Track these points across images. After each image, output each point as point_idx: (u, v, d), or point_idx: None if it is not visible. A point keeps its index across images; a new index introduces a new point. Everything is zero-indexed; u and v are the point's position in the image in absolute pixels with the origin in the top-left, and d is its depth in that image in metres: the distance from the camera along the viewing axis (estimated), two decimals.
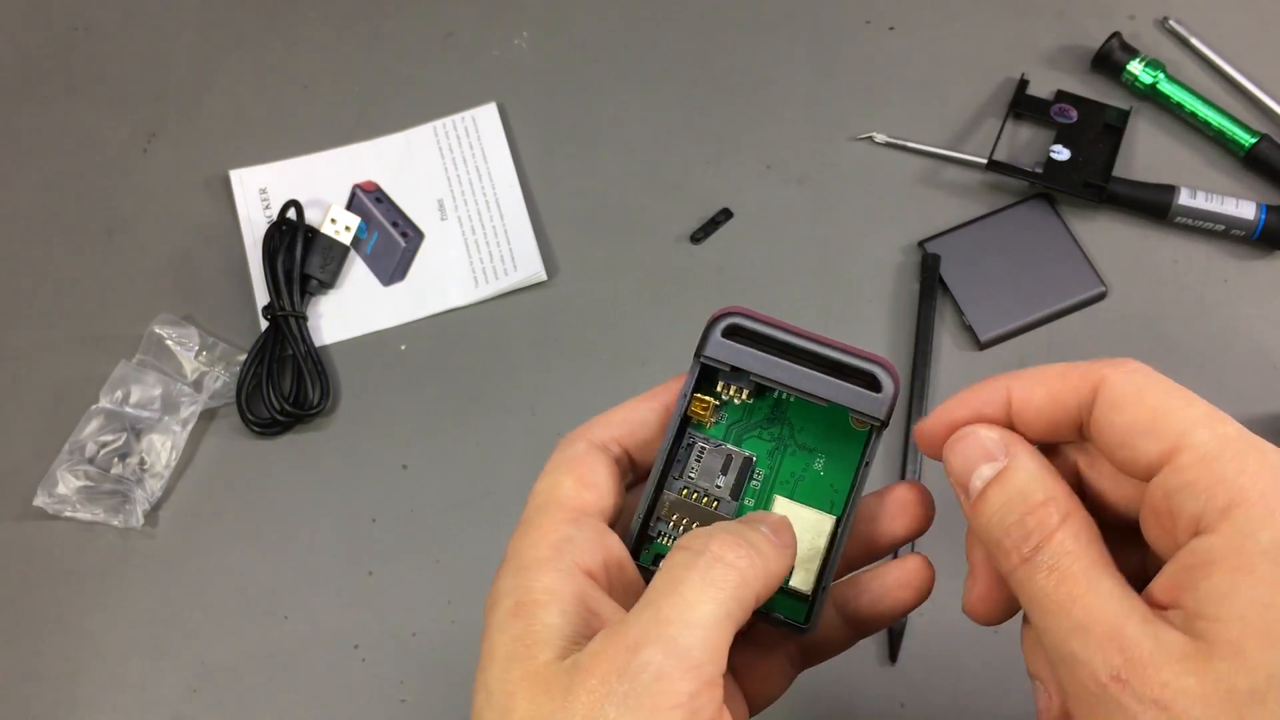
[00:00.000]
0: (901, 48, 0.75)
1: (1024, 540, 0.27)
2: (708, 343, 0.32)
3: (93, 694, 0.60)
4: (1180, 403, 0.26)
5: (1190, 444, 0.25)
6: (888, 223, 0.69)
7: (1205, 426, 0.26)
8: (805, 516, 0.32)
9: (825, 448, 0.33)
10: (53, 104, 0.76)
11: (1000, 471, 0.28)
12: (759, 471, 0.33)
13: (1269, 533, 0.23)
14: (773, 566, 0.29)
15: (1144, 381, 0.27)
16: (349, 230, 0.70)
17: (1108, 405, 0.27)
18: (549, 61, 0.76)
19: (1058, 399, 0.28)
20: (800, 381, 0.32)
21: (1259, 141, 0.69)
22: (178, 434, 0.65)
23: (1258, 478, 0.24)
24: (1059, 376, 0.28)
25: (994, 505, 0.28)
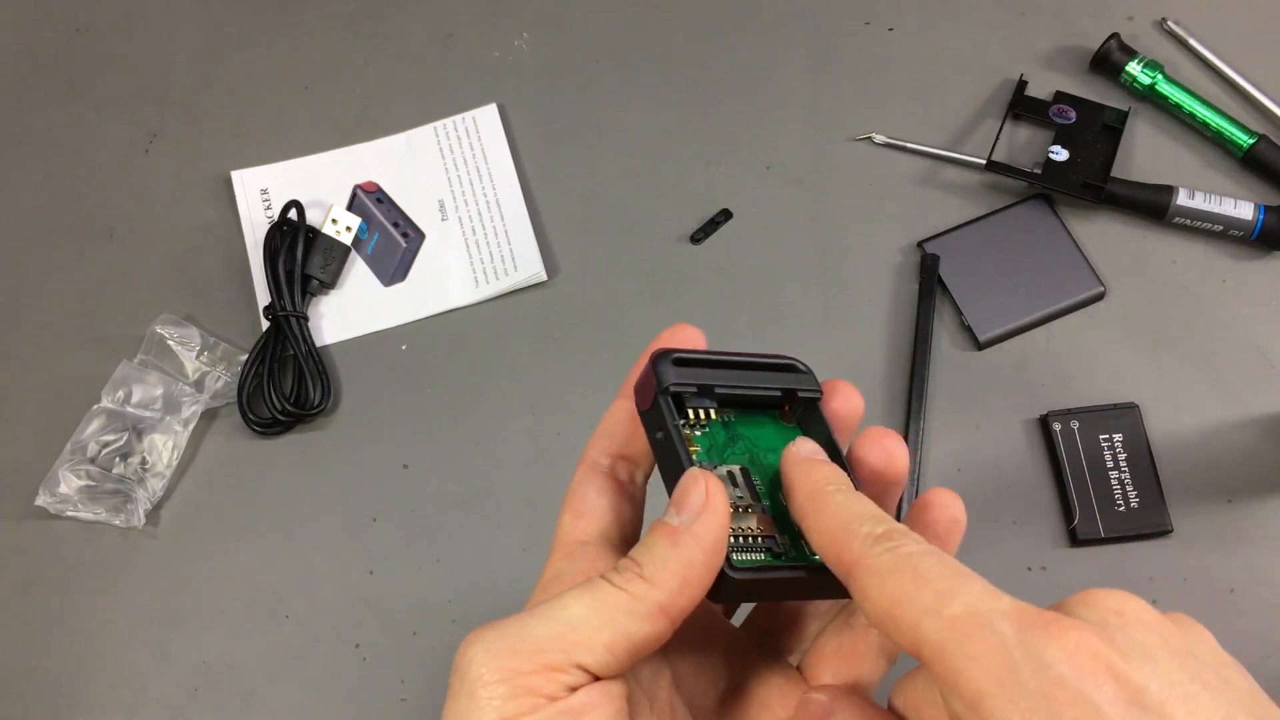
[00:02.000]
0: (901, 48, 0.75)
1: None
2: (666, 375, 0.33)
3: (94, 693, 0.61)
4: (912, 589, 0.25)
5: (924, 639, 0.25)
6: (887, 223, 0.70)
7: (932, 615, 0.25)
8: None
9: (779, 445, 0.35)
10: (54, 105, 0.76)
11: None
12: (755, 479, 0.34)
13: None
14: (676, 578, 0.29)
15: (885, 568, 0.26)
16: (350, 230, 0.70)
17: (859, 596, 0.27)
18: (549, 62, 0.76)
19: (830, 560, 0.28)
20: (752, 382, 0.35)
21: (1257, 142, 0.69)
22: (179, 434, 0.65)
23: (988, 662, 0.23)
24: (830, 540, 0.28)
25: None
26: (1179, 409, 0.64)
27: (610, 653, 0.28)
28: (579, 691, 0.28)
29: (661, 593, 0.28)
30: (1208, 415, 0.64)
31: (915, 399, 0.64)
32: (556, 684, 0.28)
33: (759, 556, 0.31)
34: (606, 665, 0.28)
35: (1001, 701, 0.23)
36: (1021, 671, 0.23)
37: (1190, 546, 0.61)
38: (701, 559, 0.29)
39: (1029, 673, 0.23)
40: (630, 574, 0.29)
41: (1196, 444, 0.63)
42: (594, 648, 0.28)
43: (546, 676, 0.27)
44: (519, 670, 0.27)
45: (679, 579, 0.29)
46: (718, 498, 0.30)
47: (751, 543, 0.32)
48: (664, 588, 0.29)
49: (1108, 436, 0.63)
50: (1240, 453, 0.63)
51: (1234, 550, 0.61)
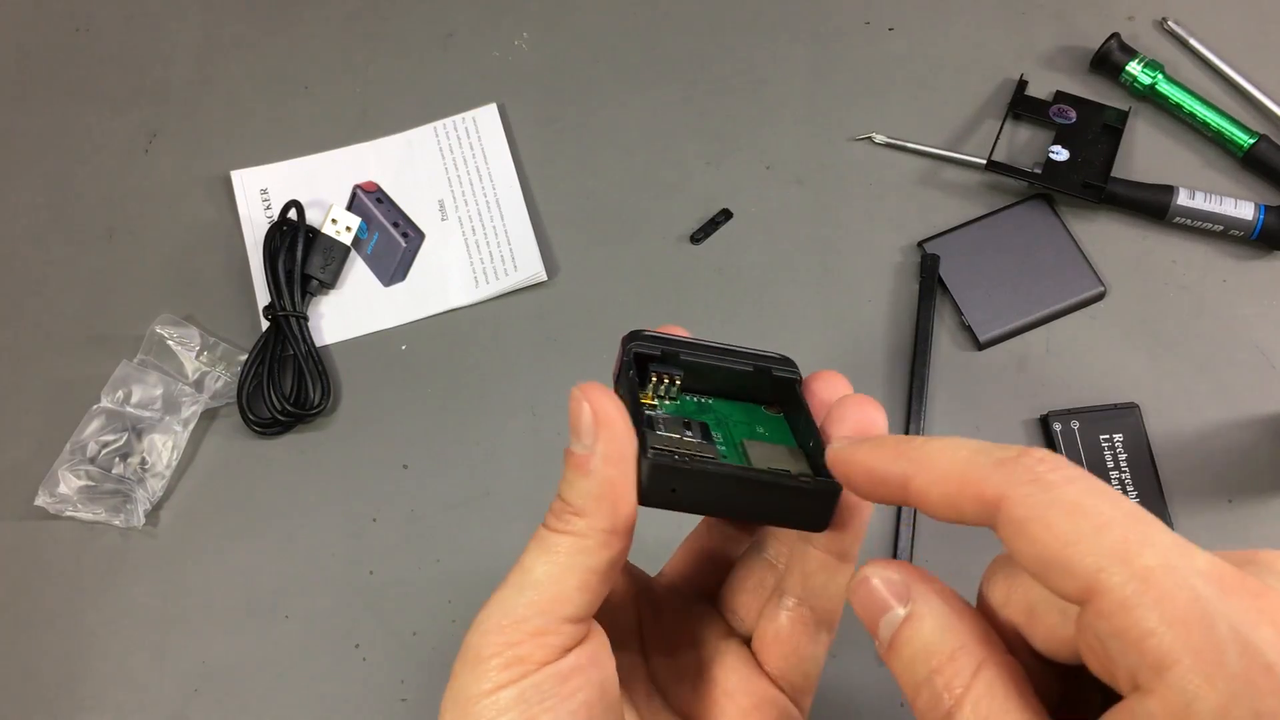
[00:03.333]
0: (901, 48, 0.75)
1: (936, 703, 0.25)
2: (635, 342, 0.34)
3: (94, 693, 0.61)
4: (1090, 528, 0.23)
5: (1108, 587, 0.22)
6: (887, 223, 0.70)
7: (1120, 562, 0.22)
8: (776, 448, 0.33)
9: (758, 423, 0.34)
10: (54, 104, 0.76)
11: (905, 619, 0.26)
12: (716, 434, 0.34)
13: (1208, 701, 0.21)
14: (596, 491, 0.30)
15: (1048, 500, 0.23)
16: (350, 230, 0.70)
17: (1012, 531, 0.24)
18: (549, 62, 0.76)
19: (954, 504, 0.25)
20: (725, 359, 0.34)
21: (1257, 142, 0.69)
22: (179, 434, 0.65)
23: (1188, 630, 0.21)
24: (957, 479, 0.25)
25: (902, 663, 0.26)
26: (1179, 409, 0.64)
27: (586, 591, 0.29)
28: (568, 655, 0.29)
29: (600, 519, 0.29)
30: (1208, 415, 0.64)
31: (915, 399, 0.64)
32: (548, 648, 0.29)
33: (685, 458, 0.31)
34: (588, 605, 0.29)
35: (1196, 676, 0.21)
36: (1226, 649, 0.21)
37: None
38: (618, 473, 0.30)
39: (1234, 653, 0.21)
40: (565, 514, 0.30)
41: (1196, 444, 0.63)
42: (569, 597, 0.29)
43: (537, 642, 0.29)
44: (510, 642, 0.29)
45: (608, 501, 0.29)
46: (606, 407, 0.30)
47: (683, 452, 0.31)
48: (599, 514, 0.29)
49: (1108, 436, 0.63)
50: (1240, 453, 0.63)
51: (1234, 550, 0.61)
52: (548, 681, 0.28)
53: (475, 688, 0.28)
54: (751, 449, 0.33)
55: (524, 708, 0.28)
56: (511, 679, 0.28)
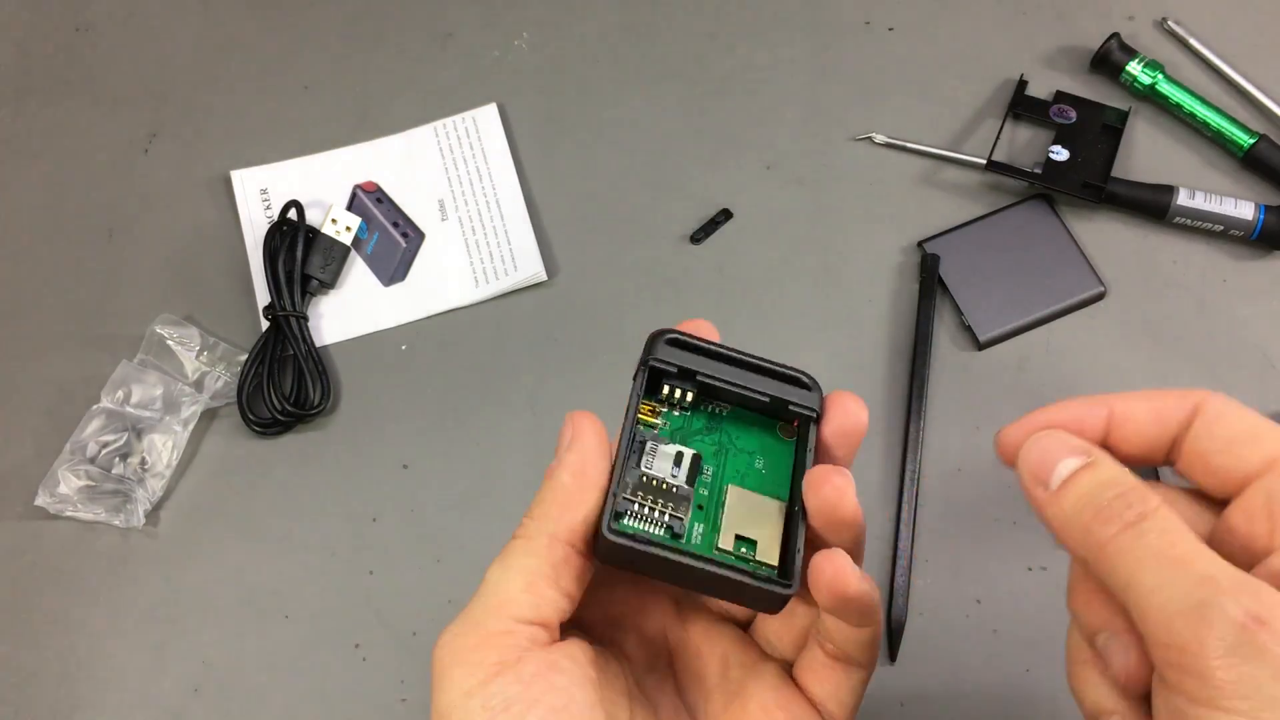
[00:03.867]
0: (901, 48, 0.75)
1: (1126, 509, 0.28)
2: (653, 350, 0.34)
3: (94, 693, 0.61)
4: (1270, 428, 0.29)
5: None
6: (887, 223, 0.70)
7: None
8: (758, 501, 0.34)
9: (762, 452, 0.35)
10: (54, 104, 0.76)
11: (1088, 463, 0.29)
12: (707, 468, 0.34)
13: None
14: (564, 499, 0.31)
15: (1239, 405, 0.30)
16: (350, 230, 0.70)
17: (1212, 418, 0.30)
18: (549, 62, 0.76)
19: (1160, 415, 0.31)
20: (742, 380, 0.34)
21: (1257, 142, 0.69)
22: (179, 434, 0.65)
23: (1238, 679, 0.24)
24: (1159, 395, 0.31)
25: (1084, 487, 0.29)
26: None
27: (531, 592, 0.30)
28: (528, 660, 0.29)
29: (547, 522, 0.31)
30: None
31: (915, 399, 0.64)
32: (504, 649, 0.29)
33: (652, 530, 0.32)
34: (535, 606, 0.30)
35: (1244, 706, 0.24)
36: (1267, 689, 0.24)
37: None
38: (572, 481, 0.31)
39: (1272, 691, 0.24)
40: (524, 521, 0.32)
41: None
42: (514, 597, 0.30)
43: (493, 645, 0.29)
44: (468, 646, 0.29)
45: (557, 505, 0.31)
46: (584, 426, 0.32)
47: (651, 515, 0.32)
48: (546, 517, 0.31)
49: None
50: None
51: None
52: (511, 687, 0.29)
53: (448, 697, 0.29)
54: (732, 501, 0.33)
55: (490, 716, 0.28)
56: (476, 685, 0.29)
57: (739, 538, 0.33)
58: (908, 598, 0.58)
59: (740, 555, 0.32)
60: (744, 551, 0.32)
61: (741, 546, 0.32)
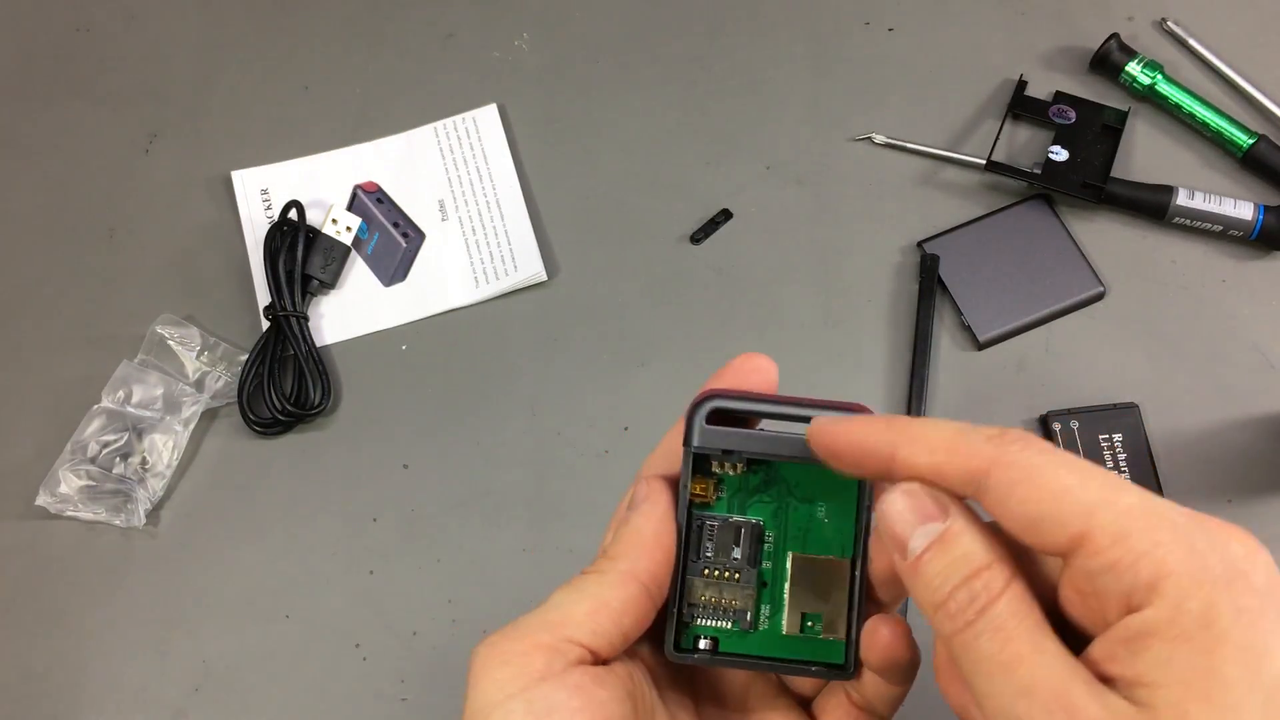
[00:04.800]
0: (901, 48, 0.75)
1: (969, 604, 0.27)
2: (694, 432, 0.33)
3: (94, 693, 0.61)
4: (1075, 481, 0.26)
5: (1099, 527, 0.25)
6: (887, 223, 0.70)
7: (1106, 505, 0.25)
8: (822, 566, 0.34)
9: (824, 497, 0.34)
10: (55, 105, 0.76)
11: (942, 534, 0.28)
12: (769, 535, 0.34)
13: (1197, 601, 0.24)
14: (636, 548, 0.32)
15: (1034, 464, 0.26)
16: (350, 230, 0.70)
17: (1003, 493, 0.26)
18: (549, 62, 0.76)
19: (941, 473, 0.28)
20: (790, 449, 0.33)
21: (1257, 142, 0.69)
22: (179, 434, 0.65)
23: (1173, 547, 0.24)
24: (947, 449, 0.28)
25: (936, 568, 0.27)
26: (1179, 409, 0.64)
27: (593, 620, 0.31)
28: (574, 671, 0.30)
29: (624, 561, 0.32)
30: (1208, 415, 0.64)
31: (915, 399, 0.64)
32: (550, 660, 0.30)
33: (720, 625, 0.33)
34: (593, 634, 0.31)
35: (1187, 581, 0.24)
36: (1208, 559, 0.24)
37: None
38: (648, 527, 0.32)
39: (1215, 561, 0.24)
40: (599, 559, 0.32)
41: (1196, 444, 0.63)
42: (576, 619, 0.30)
43: (539, 654, 0.30)
44: (515, 651, 0.30)
45: (633, 546, 0.32)
46: (656, 489, 0.33)
47: (717, 609, 0.33)
48: (624, 557, 0.32)
49: (1108, 436, 0.63)
50: (1240, 453, 0.63)
51: None
52: (556, 694, 0.29)
53: (488, 697, 0.29)
54: (795, 573, 0.34)
55: (532, 717, 0.29)
56: (519, 689, 0.29)
57: (804, 615, 0.33)
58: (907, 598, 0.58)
59: (806, 637, 0.33)
60: (810, 627, 0.33)
61: (808, 621, 0.33)
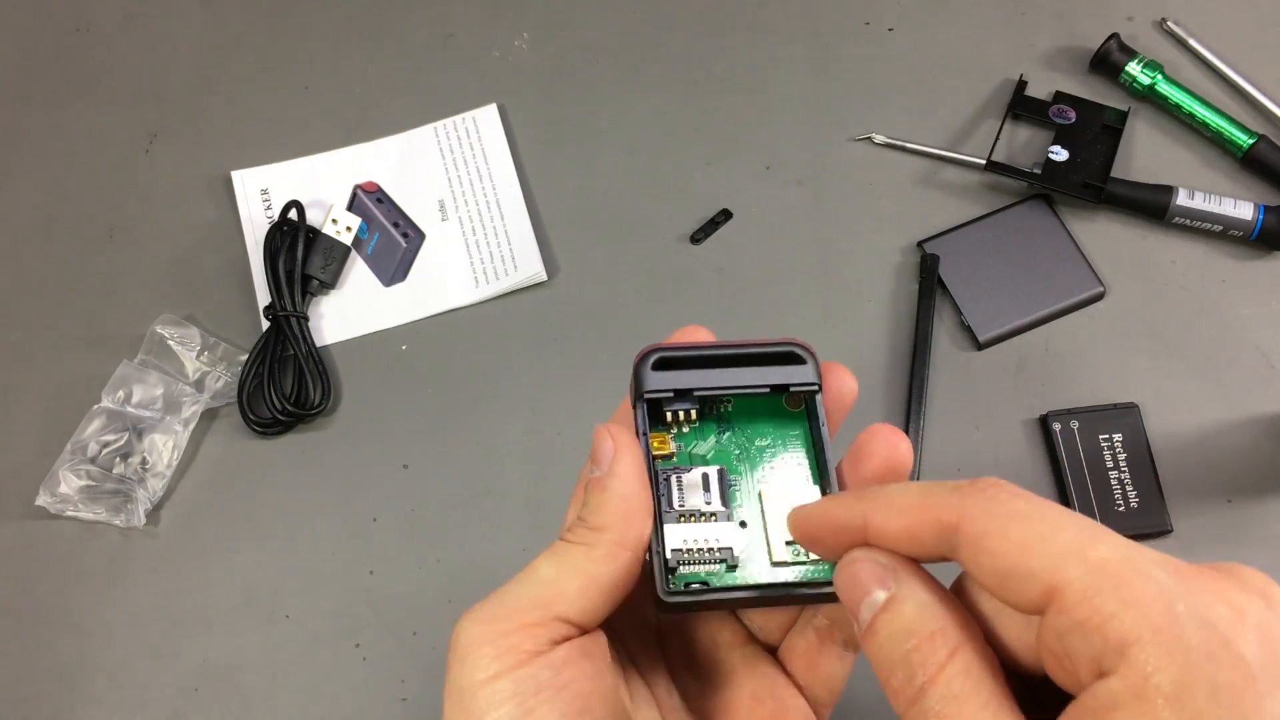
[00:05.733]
0: (901, 48, 0.75)
1: (909, 680, 0.25)
2: (644, 380, 0.34)
3: (94, 692, 0.61)
4: (1046, 531, 0.24)
5: (1067, 581, 0.23)
6: (887, 223, 0.70)
7: (1076, 558, 0.23)
8: (793, 493, 0.34)
9: (779, 435, 0.35)
10: (55, 105, 0.76)
11: (886, 601, 0.27)
12: (734, 478, 0.34)
13: (1168, 673, 0.21)
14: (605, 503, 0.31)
15: (1004, 513, 0.25)
16: (350, 231, 0.70)
17: (972, 548, 0.25)
18: (549, 62, 0.76)
19: (914, 534, 0.27)
20: (737, 380, 0.34)
21: (1257, 142, 0.69)
22: (179, 434, 0.65)
23: (1146, 610, 0.22)
24: (916, 509, 0.27)
25: (881, 637, 0.26)
26: (1179, 409, 0.64)
27: (584, 597, 0.30)
28: (560, 647, 0.29)
29: (610, 532, 0.31)
30: (1208, 415, 0.64)
31: (915, 399, 0.64)
32: (539, 639, 0.29)
33: (708, 571, 0.33)
34: (584, 610, 0.30)
35: (1157, 651, 0.22)
36: (1185, 626, 0.22)
37: (1190, 547, 0.61)
38: (631, 490, 0.31)
39: (1193, 629, 0.22)
40: (580, 528, 0.31)
41: (1196, 444, 0.63)
42: (568, 596, 0.30)
43: (528, 634, 0.29)
44: (502, 631, 0.29)
45: (619, 515, 0.31)
46: (625, 439, 0.32)
47: (701, 555, 0.33)
48: (610, 528, 0.31)
49: (1107, 436, 0.63)
50: (1240, 453, 0.63)
51: (1234, 550, 0.61)
52: (542, 672, 0.29)
53: (472, 676, 0.29)
54: (770, 506, 0.34)
55: (520, 699, 0.28)
56: (506, 668, 0.29)
57: (788, 542, 0.33)
58: None
59: (795, 560, 0.33)
60: (797, 551, 0.33)
61: (792, 549, 0.33)
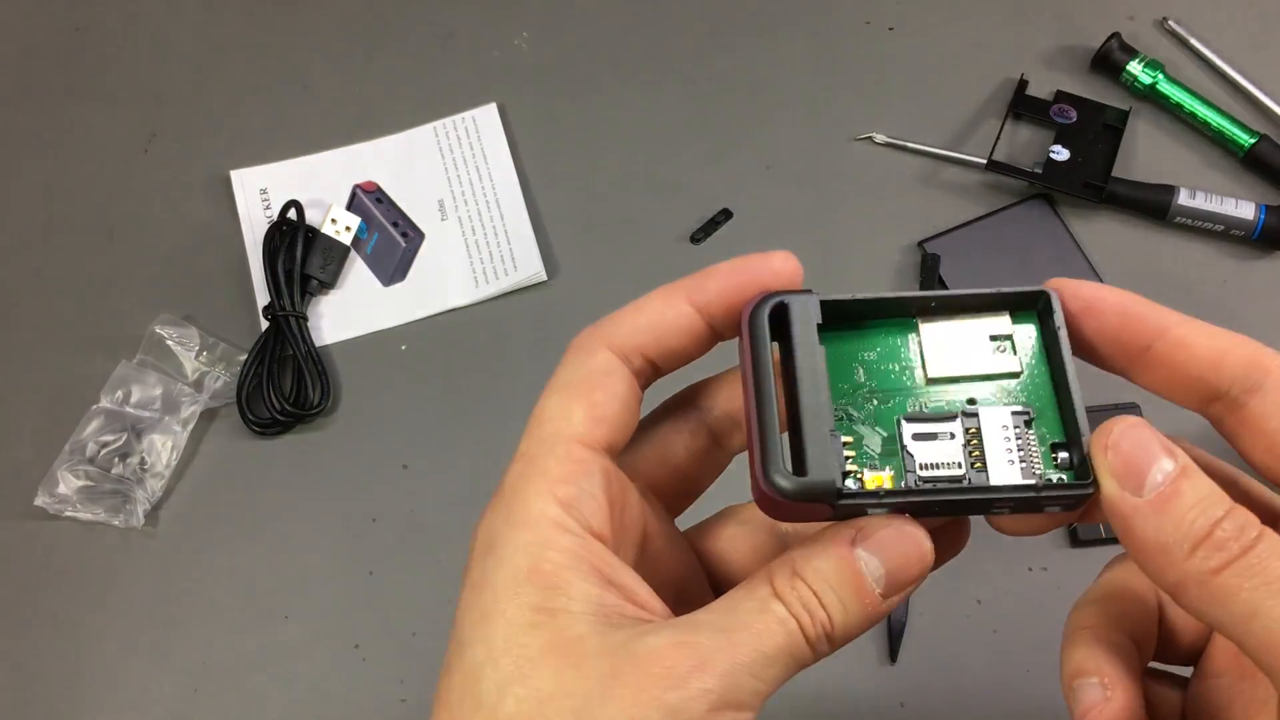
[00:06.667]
0: (901, 48, 0.75)
1: (1238, 535, 0.24)
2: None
3: (93, 694, 0.60)
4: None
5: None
6: (888, 223, 0.70)
7: None
8: None
9: None
10: (54, 104, 0.76)
11: (1182, 472, 0.25)
12: None
13: None
14: None
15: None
16: (349, 230, 0.70)
17: (1271, 403, 0.26)
18: (549, 62, 0.76)
19: (1220, 364, 0.27)
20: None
21: (1258, 142, 0.69)
22: (178, 434, 0.65)
23: None
24: (1227, 339, 0.27)
25: (1185, 505, 0.24)
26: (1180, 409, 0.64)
27: (756, 679, 0.25)
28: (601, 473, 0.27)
29: (833, 646, 0.26)
30: None
31: None
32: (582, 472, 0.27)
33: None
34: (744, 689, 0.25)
35: None
36: None
37: None
38: (879, 619, 0.27)
39: None
40: (806, 616, 0.26)
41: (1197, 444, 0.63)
42: (735, 672, 0.25)
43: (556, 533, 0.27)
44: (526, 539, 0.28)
45: (854, 633, 0.27)
46: (928, 560, 0.27)
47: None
48: (838, 643, 0.26)
49: None
50: None
51: None
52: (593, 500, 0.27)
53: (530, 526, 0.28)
54: None
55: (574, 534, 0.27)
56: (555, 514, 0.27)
57: None
58: (908, 598, 0.58)
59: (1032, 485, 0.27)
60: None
61: None
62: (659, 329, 0.30)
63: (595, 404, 0.28)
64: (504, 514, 0.29)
